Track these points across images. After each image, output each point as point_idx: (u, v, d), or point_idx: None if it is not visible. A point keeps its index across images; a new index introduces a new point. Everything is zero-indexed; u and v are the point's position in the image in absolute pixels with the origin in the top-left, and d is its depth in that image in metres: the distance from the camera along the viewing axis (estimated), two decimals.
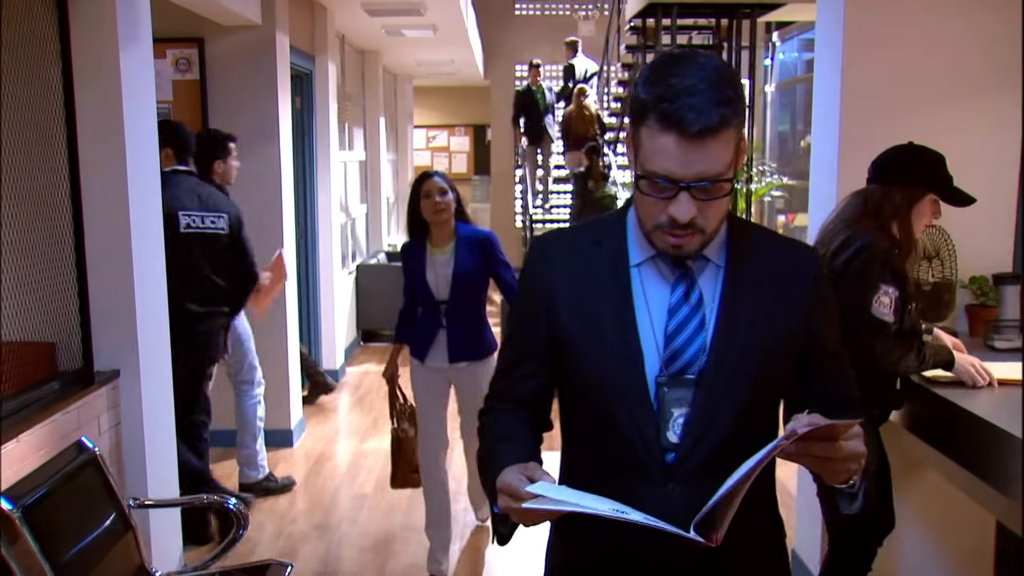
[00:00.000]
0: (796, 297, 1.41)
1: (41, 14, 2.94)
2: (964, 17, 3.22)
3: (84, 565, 2.57)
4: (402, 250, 3.83)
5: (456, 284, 3.65)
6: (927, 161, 2.67)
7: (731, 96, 1.28)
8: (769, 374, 1.40)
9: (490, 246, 3.71)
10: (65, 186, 3.06)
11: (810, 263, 1.45)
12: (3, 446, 2.51)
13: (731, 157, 1.31)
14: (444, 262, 3.66)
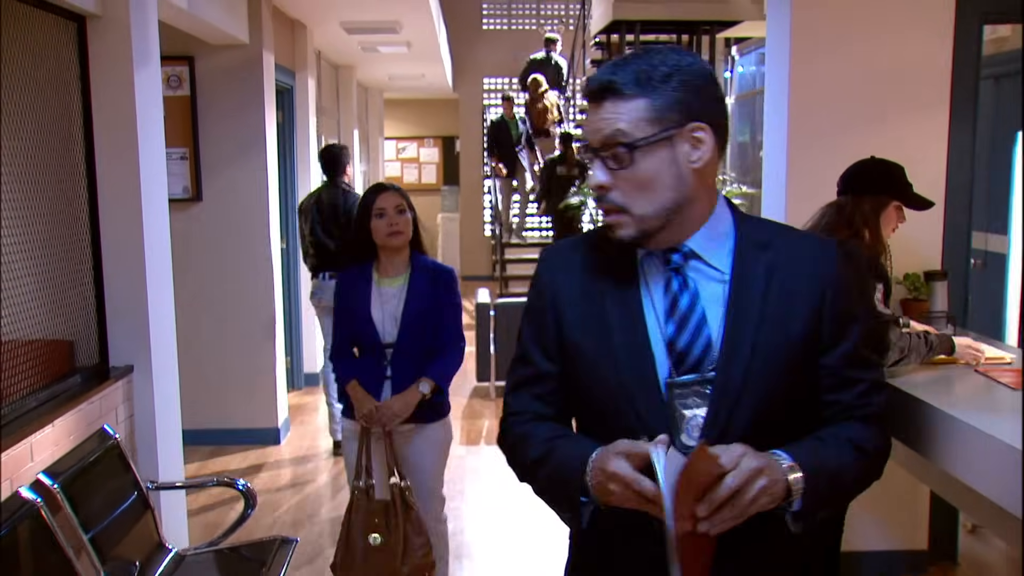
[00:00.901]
0: (809, 296, 1.36)
1: (64, 39, 3.22)
2: (900, 40, 3.58)
3: (110, 539, 2.85)
4: (338, 280, 3.22)
5: (408, 324, 3.06)
6: (889, 172, 3.01)
7: (650, 73, 1.31)
8: (785, 376, 1.35)
9: (449, 283, 3.16)
10: (83, 196, 3.34)
11: (825, 260, 1.39)
12: (40, 431, 2.78)
13: (640, 126, 1.31)
14: (394, 296, 3.09)
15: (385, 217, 3.08)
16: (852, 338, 1.39)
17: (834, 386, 1.39)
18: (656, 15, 8.80)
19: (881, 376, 1.45)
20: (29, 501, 2.50)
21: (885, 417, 1.44)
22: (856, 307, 1.42)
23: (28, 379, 2.91)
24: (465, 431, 6.04)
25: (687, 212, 1.37)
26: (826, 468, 1.32)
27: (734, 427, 1.33)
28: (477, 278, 12.47)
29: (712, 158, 1.36)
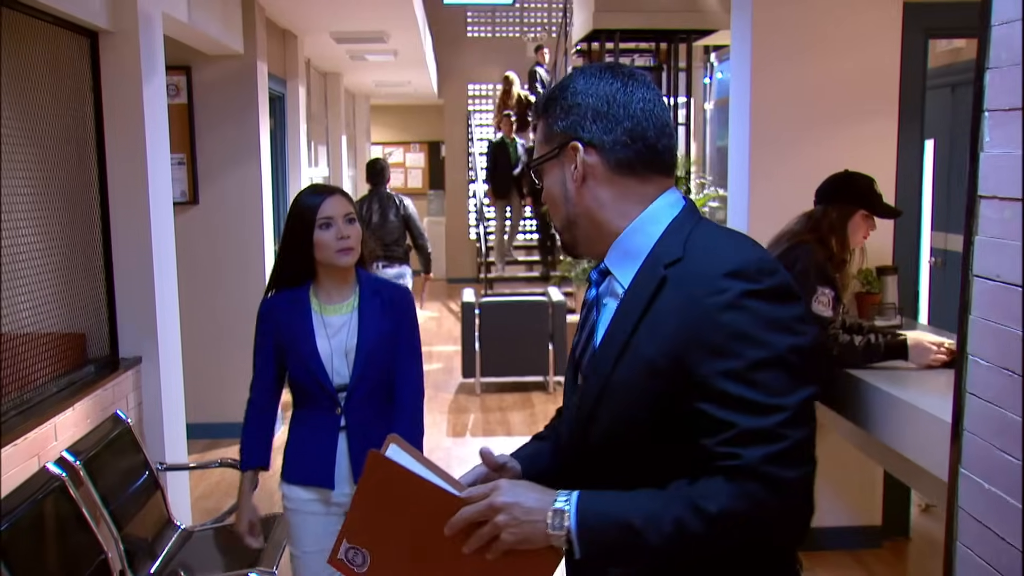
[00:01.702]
0: (683, 320, 1.23)
1: (79, 54, 3.47)
2: (852, 54, 3.87)
3: (126, 515, 3.10)
4: (263, 309, 2.57)
5: (364, 360, 2.47)
6: (856, 184, 3.26)
7: (548, 95, 1.40)
8: (645, 399, 1.26)
9: (407, 307, 2.59)
10: (96, 199, 3.59)
11: (713, 287, 1.22)
12: (62, 413, 3.03)
13: (539, 148, 1.42)
14: (341, 327, 2.49)
15: (333, 228, 2.42)
16: (721, 374, 1.19)
17: (701, 428, 1.21)
18: (635, 24, 9.10)
19: (771, 424, 1.17)
20: (55, 475, 2.76)
21: (762, 476, 1.16)
22: (740, 342, 1.19)
23: (49, 367, 3.17)
24: (452, 424, 6.31)
25: (588, 228, 1.37)
26: (622, 520, 1.20)
27: (591, 439, 1.33)
28: (463, 280, 12.74)
29: (596, 176, 1.33)
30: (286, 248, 2.52)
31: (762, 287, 1.21)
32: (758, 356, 1.19)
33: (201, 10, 4.61)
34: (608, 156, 1.33)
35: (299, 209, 2.48)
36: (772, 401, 1.18)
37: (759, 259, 1.25)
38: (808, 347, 1.23)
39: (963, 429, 1.50)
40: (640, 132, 1.33)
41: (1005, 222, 1.38)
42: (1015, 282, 1.36)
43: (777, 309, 1.21)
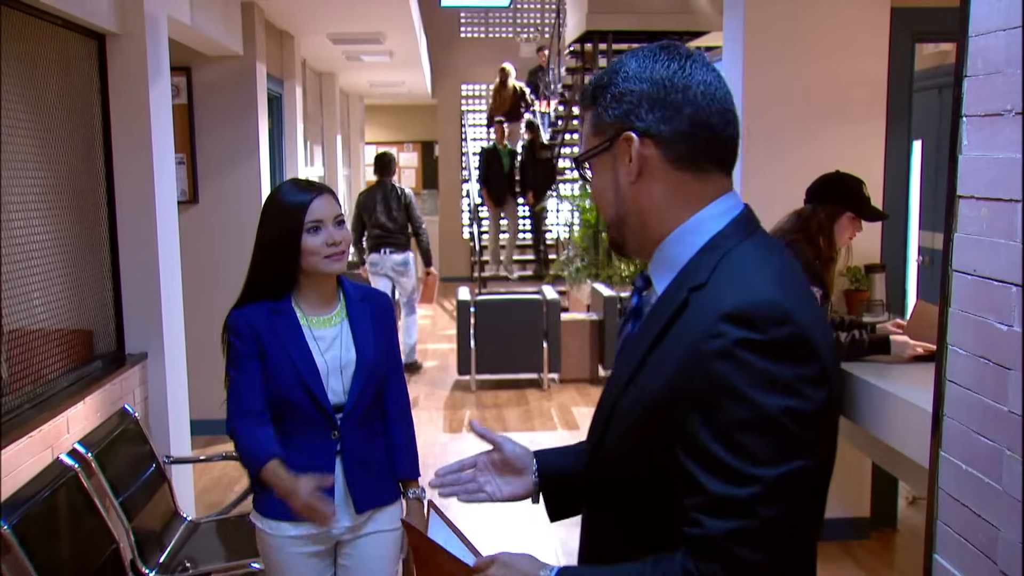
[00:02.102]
0: (683, 357, 1.12)
1: (87, 56, 3.54)
2: (841, 57, 3.97)
3: (135, 506, 3.18)
4: (236, 321, 2.25)
5: (364, 376, 2.26)
6: (844, 185, 3.35)
7: (596, 82, 1.26)
8: (645, 432, 1.18)
9: (389, 316, 2.40)
10: (103, 199, 3.66)
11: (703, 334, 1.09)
12: (73, 407, 3.10)
13: (588, 140, 1.27)
14: (332, 340, 2.26)
15: (322, 232, 2.18)
16: (702, 428, 1.08)
17: (683, 485, 1.11)
18: (628, 26, 9.22)
19: (742, 495, 1.05)
20: (69, 466, 2.84)
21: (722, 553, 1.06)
22: (725, 397, 1.06)
23: (60, 362, 3.24)
24: (448, 420, 6.39)
25: (639, 229, 1.25)
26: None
27: (601, 453, 1.28)
28: (457, 279, 12.82)
29: (653, 170, 1.20)
30: (266, 253, 2.21)
31: (762, 338, 1.06)
32: (745, 417, 1.05)
33: (203, 12, 4.69)
34: (667, 148, 1.19)
35: (282, 209, 2.19)
36: (749, 470, 1.05)
37: (769, 304, 1.08)
38: (810, 413, 1.06)
39: (943, 415, 1.60)
40: (702, 120, 1.18)
41: (982, 220, 1.48)
42: (991, 276, 1.46)
43: (776, 366, 1.05)
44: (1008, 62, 1.41)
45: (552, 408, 6.69)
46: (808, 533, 1.11)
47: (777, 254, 1.21)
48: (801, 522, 1.08)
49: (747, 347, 1.05)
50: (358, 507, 2.28)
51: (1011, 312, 1.39)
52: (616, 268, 8.80)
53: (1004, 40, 1.42)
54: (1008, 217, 1.41)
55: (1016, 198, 1.38)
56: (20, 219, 3.04)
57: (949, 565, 1.58)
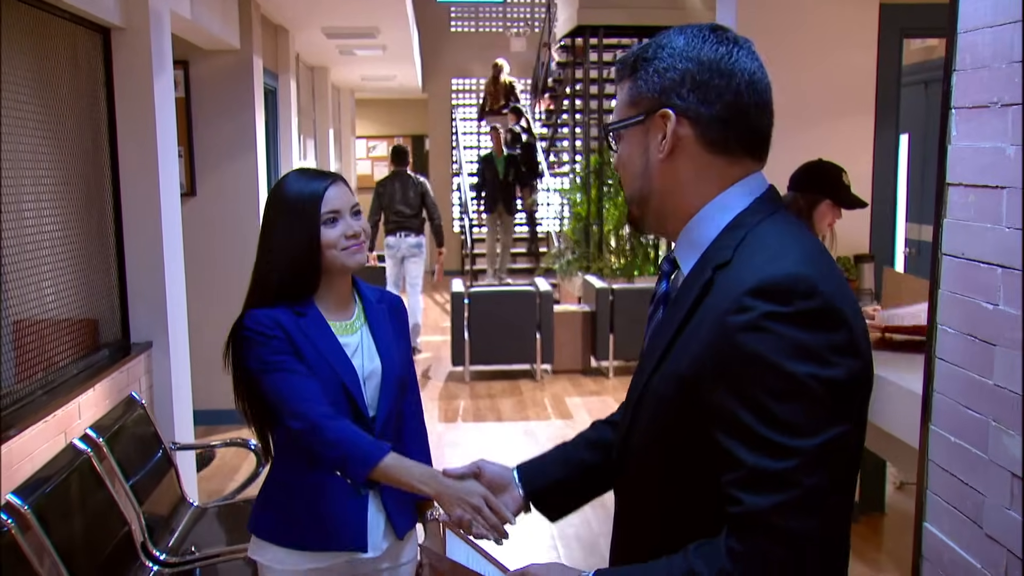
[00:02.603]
0: (710, 333, 1.13)
1: (93, 50, 3.60)
2: (831, 52, 4.08)
3: (144, 490, 3.25)
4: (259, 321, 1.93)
5: (393, 385, 2.04)
6: (823, 173, 3.45)
7: (639, 54, 1.24)
8: (676, 410, 1.18)
9: (405, 318, 2.20)
10: (108, 190, 3.72)
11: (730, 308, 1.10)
12: (84, 393, 3.17)
13: (622, 109, 1.27)
14: (356, 347, 2.03)
15: (340, 223, 1.95)
16: (735, 401, 1.08)
17: (721, 462, 1.11)
18: (619, 20, 9.29)
19: (782, 468, 1.04)
20: (82, 451, 2.91)
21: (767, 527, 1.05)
22: (758, 369, 1.07)
23: (69, 351, 3.31)
24: (443, 410, 6.48)
25: (661, 206, 1.25)
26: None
27: (632, 441, 1.28)
28: (448, 272, 12.89)
29: (686, 150, 1.20)
30: (289, 252, 1.93)
31: (789, 310, 1.06)
32: (778, 387, 1.05)
33: (202, 6, 4.74)
34: (702, 130, 1.19)
35: (295, 200, 1.93)
36: (786, 441, 1.04)
37: (794, 277, 1.08)
38: (842, 381, 1.06)
39: (933, 390, 1.70)
40: (741, 109, 1.18)
41: (970, 206, 1.57)
42: (978, 259, 1.55)
43: (806, 335, 1.06)
44: (994, 57, 1.50)
45: (545, 398, 6.78)
46: (847, 498, 1.11)
47: (800, 229, 1.22)
48: (840, 488, 1.08)
49: (775, 319, 1.06)
50: (399, 531, 2.03)
51: (996, 292, 1.49)
52: (607, 260, 8.90)
53: (990, 36, 1.51)
54: (994, 203, 1.50)
55: (1002, 184, 1.48)
56: (31, 211, 3.10)
57: (939, 532, 1.68)
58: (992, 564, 1.50)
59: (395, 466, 1.79)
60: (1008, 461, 1.45)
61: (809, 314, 1.06)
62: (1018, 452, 1.43)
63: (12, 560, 2.36)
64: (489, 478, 1.53)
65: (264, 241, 1.98)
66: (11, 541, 2.36)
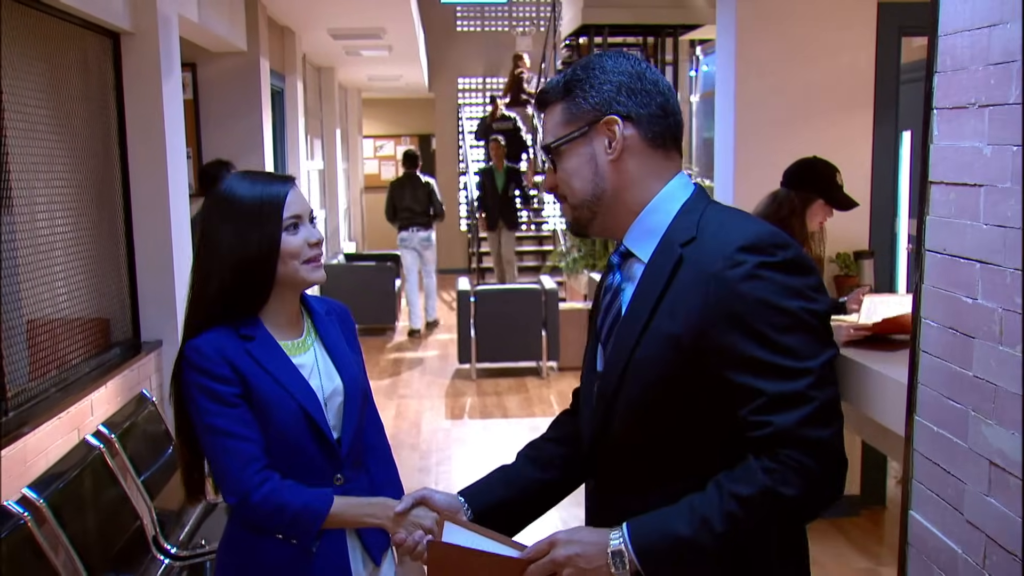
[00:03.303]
0: (700, 292, 1.28)
1: (103, 54, 3.67)
2: (831, 50, 4.12)
3: (156, 485, 3.32)
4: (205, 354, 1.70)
5: (357, 405, 1.86)
6: (816, 171, 3.46)
7: (569, 77, 1.43)
8: (669, 369, 1.30)
9: (354, 330, 1.99)
10: (118, 191, 3.79)
11: (727, 260, 1.27)
12: (96, 391, 3.24)
13: (558, 129, 1.43)
14: (309, 368, 1.83)
15: (302, 229, 1.77)
16: (746, 340, 1.24)
17: (735, 398, 1.26)
18: (623, 19, 9.33)
19: (799, 388, 1.21)
20: (95, 447, 2.98)
21: (797, 439, 1.21)
22: (762, 309, 1.24)
23: (81, 349, 3.38)
24: (449, 407, 6.55)
25: (611, 205, 1.41)
26: (677, 537, 1.26)
27: (613, 419, 1.37)
28: (454, 271, 12.96)
29: (632, 149, 1.39)
30: (239, 262, 1.71)
31: (776, 259, 1.27)
32: (781, 321, 1.24)
33: (210, 10, 4.81)
34: (645, 129, 1.39)
35: (251, 203, 1.73)
36: (798, 364, 1.23)
37: (771, 233, 1.31)
38: (825, 312, 1.29)
39: (918, 382, 1.75)
40: (669, 107, 1.40)
41: (950, 203, 1.63)
42: (958, 254, 1.60)
43: (793, 279, 1.27)
44: (972, 59, 1.55)
45: (551, 395, 6.84)
46: (840, 410, 1.29)
47: (740, 210, 1.46)
48: (839, 401, 1.28)
49: (767, 267, 1.27)
50: (376, 558, 1.87)
51: (975, 287, 1.54)
52: None
53: (969, 39, 1.56)
54: (973, 200, 1.55)
55: (979, 183, 1.53)
56: (44, 212, 3.17)
57: (923, 519, 1.73)
58: (972, 549, 1.55)
59: (343, 509, 1.69)
60: (986, 449, 1.51)
61: (791, 262, 1.29)
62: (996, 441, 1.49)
63: (28, 552, 2.44)
64: (437, 505, 1.57)
65: (206, 250, 1.75)
66: (27, 534, 2.43)
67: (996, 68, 1.47)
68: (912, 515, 1.78)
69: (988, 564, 1.51)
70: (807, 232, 3.50)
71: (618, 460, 1.39)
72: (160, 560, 3.06)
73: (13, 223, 2.96)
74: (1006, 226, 1.45)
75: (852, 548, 4.10)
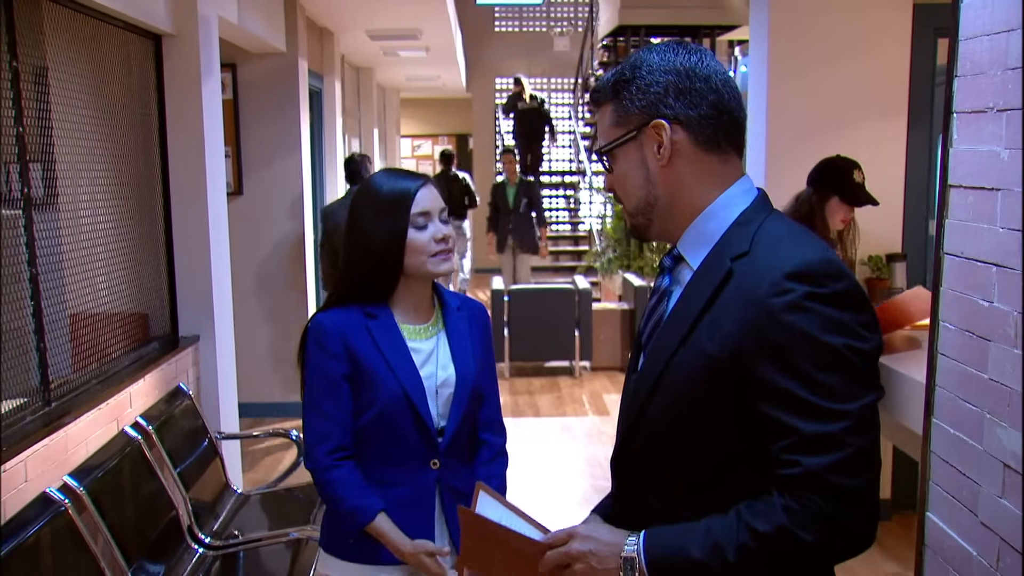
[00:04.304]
0: (742, 315, 1.23)
1: (145, 55, 3.77)
2: (864, 57, 4.09)
3: (191, 477, 3.41)
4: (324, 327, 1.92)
5: (466, 396, 1.96)
6: (835, 169, 3.47)
7: (617, 76, 1.36)
8: (701, 389, 1.27)
9: (488, 328, 2.12)
10: (158, 190, 3.89)
11: (773, 284, 1.21)
12: (134, 383, 3.33)
13: (609, 131, 1.37)
14: (429, 355, 1.96)
15: (430, 227, 1.91)
16: (782, 375, 1.19)
17: (767, 432, 1.22)
18: (660, 20, 9.34)
19: (834, 431, 1.16)
20: (133, 438, 3.07)
21: (824, 485, 1.16)
22: (803, 343, 1.18)
23: (121, 343, 3.47)
24: None
25: (667, 210, 1.35)
26: (689, 558, 1.23)
27: (646, 419, 1.35)
28: (490, 270, 13.02)
29: (682, 153, 1.32)
30: (369, 255, 1.89)
31: (825, 291, 1.19)
32: (822, 358, 1.17)
33: (249, 12, 4.91)
34: (695, 132, 1.31)
35: (387, 198, 1.89)
36: (835, 406, 1.16)
37: (825, 261, 1.21)
38: (873, 352, 1.21)
39: (935, 384, 1.76)
40: (724, 104, 1.32)
41: (969, 207, 1.64)
42: (976, 257, 1.61)
43: (841, 314, 1.19)
44: (991, 64, 1.56)
45: (583, 395, 6.86)
46: (879, 457, 1.23)
47: (801, 226, 1.36)
48: (878, 448, 1.21)
49: (814, 299, 1.19)
50: (457, 540, 1.91)
51: (991, 289, 1.55)
52: (648, 259, 8.94)
53: (987, 44, 1.57)
54: (990, 204, 1.56)
55: (996, 187, 1.54)
56: (87, 210, 3.26)
57: (939, 521, 1.74)
58: (987, 551, 1.56)
59: (382, 530, 1.88)
60: (1000, 452, 1.52)
61: (841, 295, 1.20)
62: (1011, 444, 1.49)
63: (68, 539, 2.52)
64: None
65: (350, 237, 1.94)
66: (68, 521, 2.51)
67: (1013, 72, 1.48)
68: (929, 516, 1.79)
69: (1001, 566, 1.52)
70: (828, 230, 3.50)
71: (644, 463, 1.37)
72: (195, 550, 3.14)
73: (58, 220, 3.05)
74: (1021, 230, 1.46)
75: (882, 553, 4.08)
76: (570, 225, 12.49)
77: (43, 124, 2.94)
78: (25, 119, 2.78)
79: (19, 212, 2.74)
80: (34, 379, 2.79)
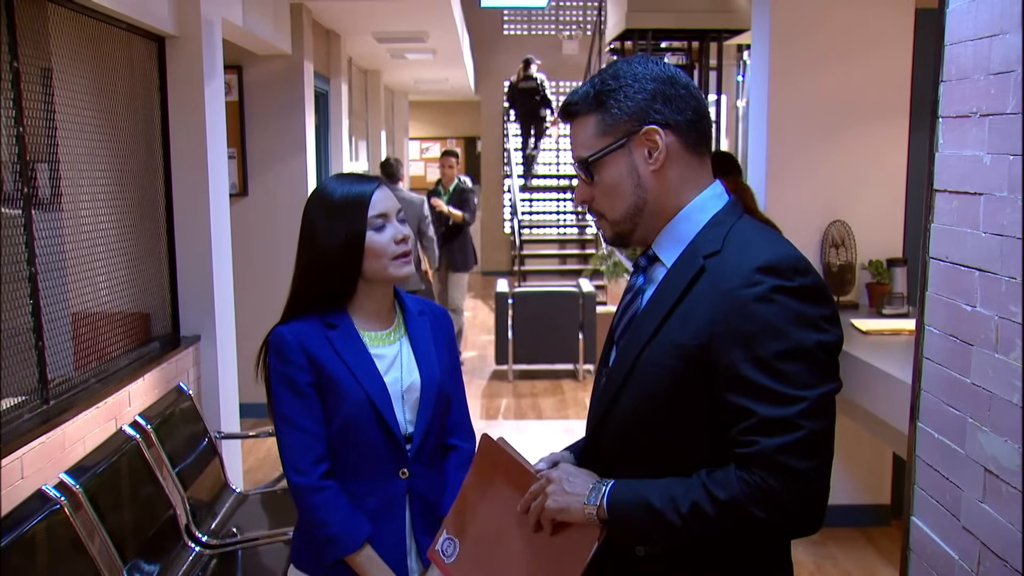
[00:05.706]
0: (711, 307, 1.29)
1: (148, 57, 3.80)
2: (866, 61, 4.09)
3: (190, 476, 3.42)
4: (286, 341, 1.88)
5: (432, 402, 1.91)
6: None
7: (599, 88, 1.38)
8: (671, 379, 1.32)
9: (451, 332, 2.08)
10: (161, 190, 3.91)
11: (742, 278, 1.28)
12: (134, 382, 3.35)
13: (593, 142, 1.39)
14: (392, 360, 1.93)
15: (388, 229, 1.88)
16: (747, 362, 1.25)
17: (726, 416, 1.28)
18: (667, 24, 9.31)
19: (790, 414, 1.22)
20: (131, 437, 3.09)
21: (773, 464, 1.22)
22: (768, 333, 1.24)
23: (121, 342, 3.50)
24: (485, 408, 6.61)
25: (652, 215, 1.40)
26: (646, 501, 1.30)
27: (614, 417, 1.40)
28: (497, 273, 13.04)
29: (673, 157, 1.37)
30: (324, 261, 1.86)
31: (793, 284, 1.26)
32: (784, 347, 1.23)
33: (254, 14, 4.93)
34: (683, 136, 1.37)
35: (339, 204, 1.85)
36: (793, 392, 1.22)
37: (793, 258, 1.29)
38: (834, 345, 1.27)
39: (921, 389, 1.76)
40: (701, 111, 1.39)
41: (953, 211, 1.64)
42: (959, 262, 1.62)
43: (806, 307, 1.25)
44: (975, 69, 1.56)
45: (586, 398, 6.85)
46: (832, 445, 1.28)
47: (769, 228, 1.43)
48: (831, 436, 1.26)
49: (781, 292, 1.25)
50: (424, 559, 1.91)
51: (974, 294, 1.55)
52: None
53: (972, 49, 1.57)
54: (973, 209, 1.56)
55: (979, 191, 1.54)
56: (89, 210, 3.29)
57: (923, 525, 1.74)
58: (968, 555, 1.56)
59: (365, 563, 1.83)
60: (982, 456, 1.52)
61: (808, 289, 1.27)
62: (991, 448, 1.50)
63: (64, 536, 2.53)
64: None
65: (304, 246, 1.90)
66: (64, 518, 2.53)
67: (996, 78, 1.49)
68: (914, 520, 1.80)
69: (982, 570, 1.52)
70: None
71: (613, 455, 1.41)
72: (191, 548, 3.15)
73: (61, 220, 3.08)
74: (1003, 235, 1.46)
75: (880, 558, 4.07)
76: (577, 228, 12.48)
77: (48, 125, 2.96)
78: (27, 120, 2.81)
79: (19, 212, 2.76)
80: (32, 377, 2.82)
